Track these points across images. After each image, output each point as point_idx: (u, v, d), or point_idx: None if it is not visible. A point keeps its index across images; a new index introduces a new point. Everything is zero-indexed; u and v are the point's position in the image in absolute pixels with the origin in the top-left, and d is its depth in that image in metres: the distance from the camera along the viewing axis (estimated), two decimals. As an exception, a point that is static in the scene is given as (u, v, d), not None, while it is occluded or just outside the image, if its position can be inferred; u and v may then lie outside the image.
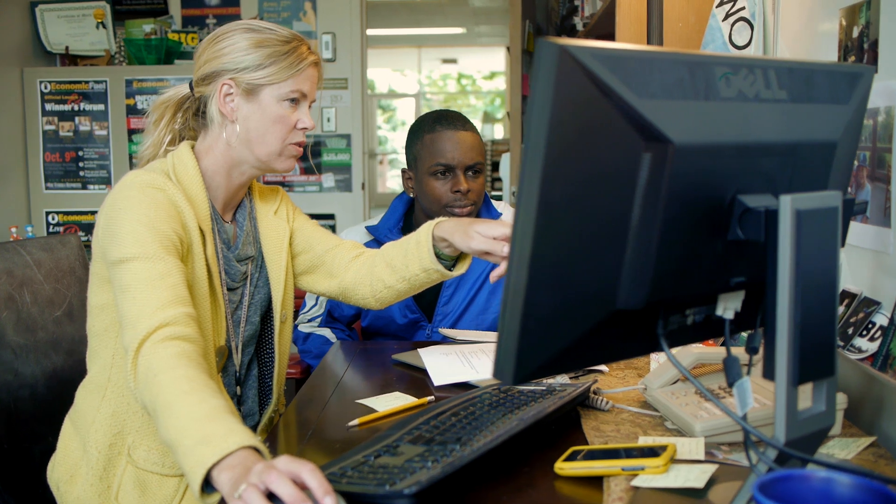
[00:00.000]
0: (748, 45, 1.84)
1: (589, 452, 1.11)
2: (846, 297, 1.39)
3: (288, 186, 4.31)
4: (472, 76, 14.56)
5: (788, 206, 0.80)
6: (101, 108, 4.16)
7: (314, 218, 1.77)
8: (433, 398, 1.45)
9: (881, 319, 1.29)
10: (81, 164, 4.19)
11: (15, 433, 1.60)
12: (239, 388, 1.59)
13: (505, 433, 1.12)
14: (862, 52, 1.37)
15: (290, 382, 2.26)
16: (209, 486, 1.00)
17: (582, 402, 1.37)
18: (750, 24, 1.84)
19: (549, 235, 0.75)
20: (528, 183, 0.73)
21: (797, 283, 0.81)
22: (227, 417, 1.06)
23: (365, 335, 2.21)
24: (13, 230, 3.62)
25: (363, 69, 4.40)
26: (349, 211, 4.38)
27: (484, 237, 1.47)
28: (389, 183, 13.77)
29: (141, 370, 1.19)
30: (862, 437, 1.20)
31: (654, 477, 1.04)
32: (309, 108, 1.52)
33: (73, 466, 1.45)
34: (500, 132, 13.23)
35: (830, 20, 1.52)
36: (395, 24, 10.26)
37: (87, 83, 4.15)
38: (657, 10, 2.06)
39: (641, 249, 0.81)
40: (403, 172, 2.16)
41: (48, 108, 4.15)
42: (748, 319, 0.97)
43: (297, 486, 0.91)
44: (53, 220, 4.21)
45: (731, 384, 0.91)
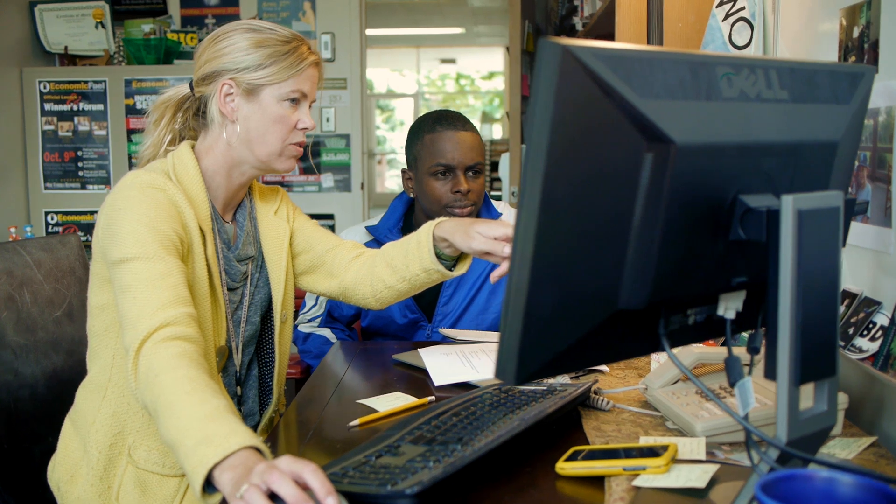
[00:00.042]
0: (748, 45, 1.84)
1: (590, 452, 1.11)
2: (846, 296, 1.39)
3: (287, 186, 4.31)
4: (470, 76, 14.55)
5: (790, 206, 0.80)
6: (100, 108, 4.16)
7: (313, 218, 1.77)
8: (434, 398, 1.45)
9: (882, 319, 1.29)
10: (80, 164, 4.18)
11: (15, 433, 1.60)
12: (239, 388, 1.59)
13: (506, 433, 1.12)
14: (862, 52, 1.37)
15: (289, 382, 2.26)
16: (211, 486, 1.00)
17: (583, 402, 1.37)
18: (750, 24, 1.84)
19: (551, 235, 0.75)
20: (530, 183, 0.73)
21: (799, 282, 0.82)
22: (228, 417, 1.06)
23: (365, 335, 2.20)
24: (12, 230, 3.62)
25: (362, 69, 4.40)
26: (348, 211, 4.38)
27: (485, 237, 1.47)
28: (388, 183, 13.76)
29: (142, 370, 1.18)
30: (863, 436, 1.20)
31: (655, 477, 1.04)
32: (309, 108, 1.52)
33: (73, 467, 1.45)
34: (498, 132, 13.23)
35: (830, 20, 1.52)
36: (393, 24, 10.26)
37: (86, 83, 4.15)
38: (657, 10, 2.06)
39: (643, 249, 0.81)
40: (403, 173, 2.15)
41: (47, 107, 4.15)
42: (749, 319, 0.97)
43: (298, 486, 0.91)
44: (52, 220, 4.20)
45: (732, 384, 0.91)
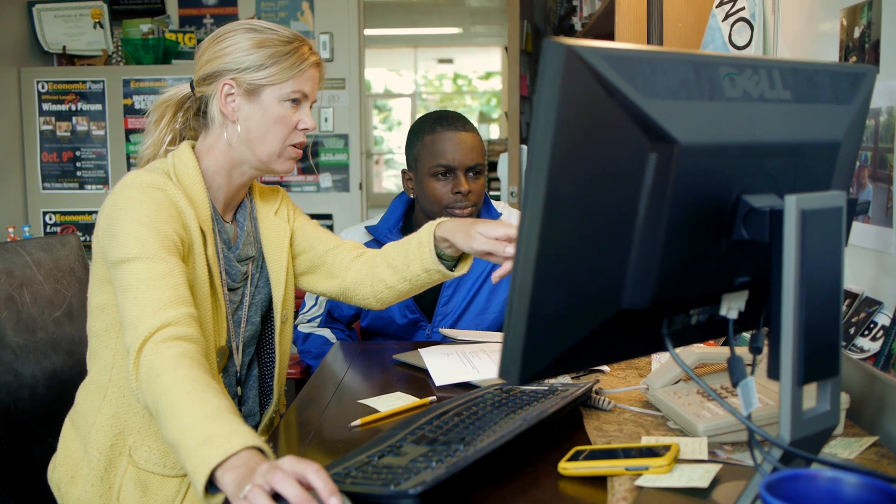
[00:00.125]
0: (748, 45, 1.84)
1: (592, 452, 1.11)
2: (848, 296, 1.39)
3: (286, 186, 4.30)
4: (467, 76, 14.55)
5: (794, 206, 0.81)
6: (98, 107, 4.15)
7: (312, 218, 1.77)
8: (435, 398, 1.45)
9: (883, 319, 1.29)
10: (79, 164, 4.18)
11: (15, 434, 1.60)
12: (239, 388, 1.59)
13: (509, 433, 1.12)
14: (863, 52, 1.37)
15: (289, 383, 2.26)
16: (213, 486, 1.00)
17: (584, 402, 1.37)
18: (750, 24, 1.84)
19: (555, 235, 0.75)
20: (534, 183, 0.73)
21: (802, 282, 0.82)
22: (230, 418, 1.06)
23: (365, 335, 2.20)
24: (10, 230, 3.61)
25: (361, 69, 4.39)
26: (347, 211, 4.38)
27: (486, 237, 1.47)
28: (385, 183, 13.75)
29: (143, 370, 1.18)
30: (864, 436, 1.20)
31: (657, 477, 1.04)
32: (310, 108, 1.51)
33: (73, 467, 1.45)
34: (495, 132, 13.22)
35: (831, 20, 1.52)
36: (391, 24, 10.26)
37: (84, 83, 4.14)
38: (657, 10, 2.06)
39: (647, 249, 0.81)
40: (403, 173, 2.15)
41: (45, 107, 4.14)
42: (751, 319, 0.97)
43: (302, 486, 0.91)
44: (51, 220, 4.20)
45: (735, 384, 0.91)
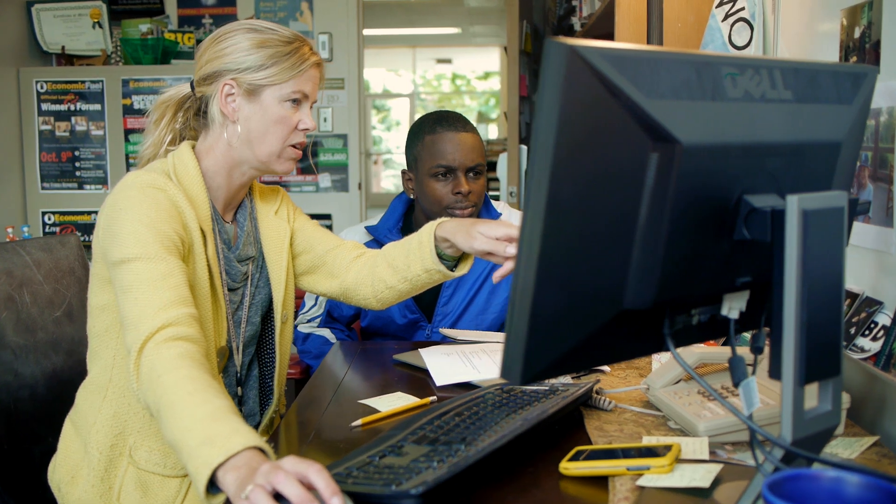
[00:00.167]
0: (748, 45, 1.84)
1: (593, 452, 1.11)
2: (848, 296, 1.39)
3: (284, 186, 4.30)
4: (465, 76, 14.55)
5: (796, 206, 0.81)
6: (97, 107, 4.15)
7: (311, 218, 1.77)
8: (436, 398, 1.45)
9: (883, 319, 1.29)
10: (78, 164, 4.18)
11: (15, 434, 1.59)
12: (240, 388, 1.59)
13: (510, 433, 1.12)
14: (864, 52, 1.37)
15: (289, 383, 2.26)
16: (214, 486, 1.00)
17: (585, 401, 1.37)
18: (749, 24, 1.84)
19: (557, 235, 0.75)
20: (536, 183, 0.73)
21: (804, 282, 0.82)
22: (231, 418, 1.06)
23: (364, 335, 2.20)
24: (9, 230, 3.61)
25: (360, 69, 4.39)
26: (346, 211, 4.38)
27: (486, 237, 1.47)
28: (384, 183, 13.74)
29: (144, 371, 1.18)
30: (865, 436, 1.20)
31: (659, 476, 1.04)
32: (311, 108, 1.51)
33: (74, 467, 1.45)
34: (494, 132, 13.22)
35: (831, 20, 1.52)
36: (389, 23, 10.26)
37: (83, 83, 4.14)
38: (657, 10, 2.06)
39: (649, 249, 0.81)
40: (403, 174, 2.15)
41: (44, 107, 4.14)
42: (751, 319, 0.97)
43: (304, 486, 0.91)
44: (49, 220, 4.20)
45: (736, 384, 0.91)
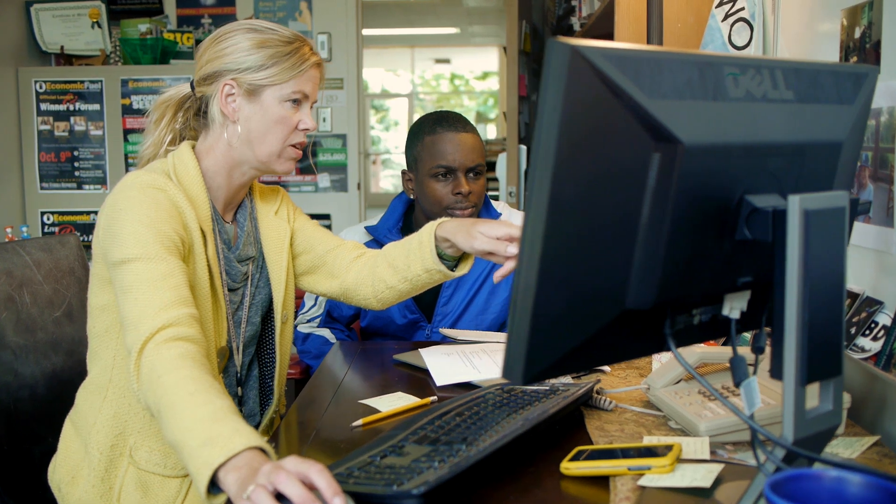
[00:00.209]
0: (748, 45, 1.84)
1: (594, 452, 1.11)
2: (849, 296, 1.39)
3: (283, 186, 4.28)
4: (464, 76, 14.54)
5: (797, 206, 0.81)
6: (96, 107, 4.15)
7: (310, 218, 1.77)
8: (436, 398, 1.45)
9: (884, 319, 1.30)
10: (77, 164, 4.17)
11: (15, 434, 1.59)
12: (240, 388, 1.59)
13: (511, 433, 1.12)
14: (864, 52, 1.38)
15: (289, 383, 2.25)
16: (215, 486, 1.00)
17: (585, 401, 1.37)
18: (749, 24, 1.84)
19: (559, 235, 0.75)
20: (538, 183, 0.73)
21: (805, 282, 0.82)
22: (232, 418, 1.06)
23: (364, 335, 2.20)
24: (8, 230, 3.61)
25: (359, 69, 4.39)
26: (345, 211, 4.38)
27: (487, 237, 1.47)
28: (383, 183, 13.74)
29: (144, 371, 1.18)
30: (865, 436, 1.20)
31: (660, 476, 1.04)
32: (311, 108, 1.51)
33: (74, 468, 1.45)
34: (492, 132, 13.21)
35: (831, 21, 1.52)
36: (388, 24, 10.25)
37: (82, 83, 4.14)
38: (656, 10, 2.06)
39: (650, 249, 0.81)
40: (403, 174, 2.15)
41: (43, 107, 4.14)
42: (752, 319, 0.97)
43: (305, 486, 0.91)
44: (48, 220, 4.19)
45: (738, 384, 0.91)
